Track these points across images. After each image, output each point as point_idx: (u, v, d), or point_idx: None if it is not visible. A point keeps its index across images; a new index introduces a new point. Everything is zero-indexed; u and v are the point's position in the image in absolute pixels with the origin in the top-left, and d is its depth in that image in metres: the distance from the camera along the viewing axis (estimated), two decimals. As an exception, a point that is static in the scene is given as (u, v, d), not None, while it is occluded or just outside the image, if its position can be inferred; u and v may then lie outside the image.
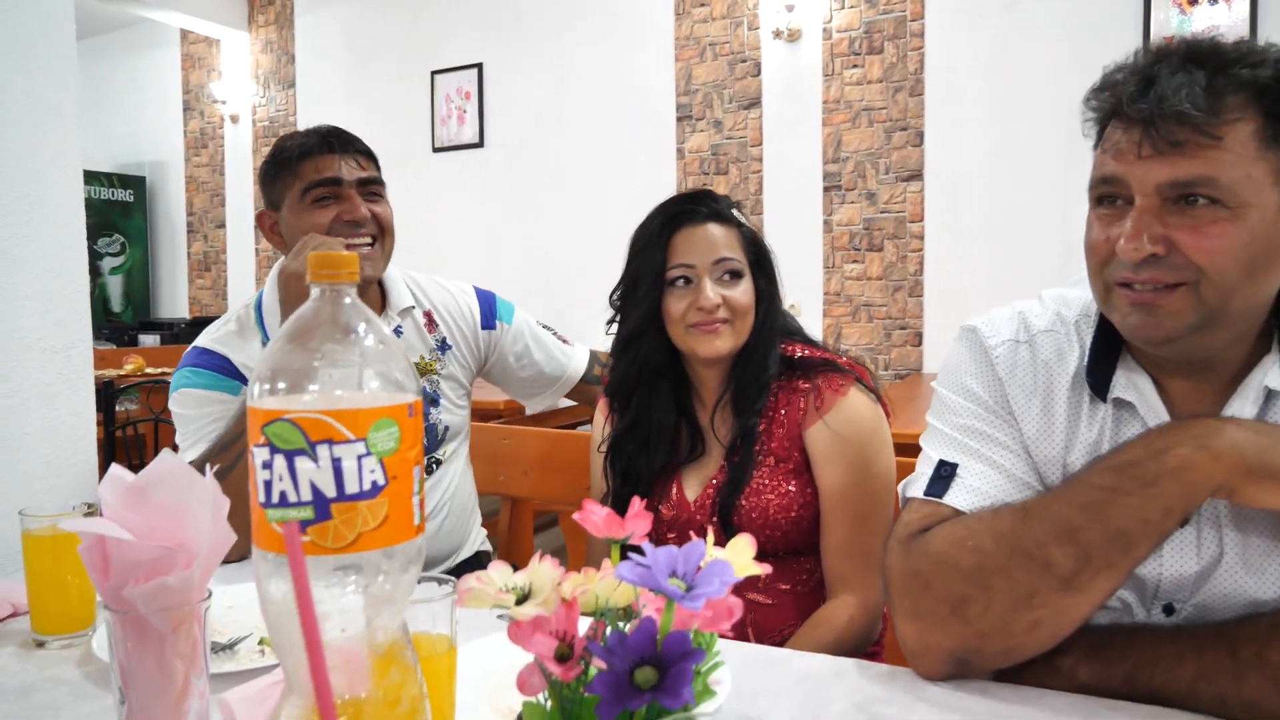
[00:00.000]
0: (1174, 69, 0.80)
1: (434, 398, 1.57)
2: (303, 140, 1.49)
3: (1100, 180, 0.85)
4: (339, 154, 1.48)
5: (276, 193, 1.51)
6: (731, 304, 1.29)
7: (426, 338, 1.59)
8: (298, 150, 1.48)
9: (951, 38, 4.11)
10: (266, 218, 1.54)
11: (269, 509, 0.54)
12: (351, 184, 1.48)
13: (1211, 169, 0.78)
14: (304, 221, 1.45)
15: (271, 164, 1.51)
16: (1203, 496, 0.77)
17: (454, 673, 0.69)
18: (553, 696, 0.54)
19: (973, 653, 0.82)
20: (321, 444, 0.53)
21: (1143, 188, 0.81)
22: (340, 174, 1.47)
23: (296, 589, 0.40)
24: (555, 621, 0.54)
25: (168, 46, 6.49)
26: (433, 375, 1.58)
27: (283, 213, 1.50)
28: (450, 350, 1.61)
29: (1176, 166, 0.79)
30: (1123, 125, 0.83)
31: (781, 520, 1.27)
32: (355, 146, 1.51)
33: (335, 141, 1.49)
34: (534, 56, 5.12)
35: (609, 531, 0.60)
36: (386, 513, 0.55)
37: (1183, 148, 0.79)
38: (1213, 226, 0.79)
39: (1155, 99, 0.79)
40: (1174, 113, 0.78)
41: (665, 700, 0.49)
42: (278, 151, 1.51)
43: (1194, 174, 0.79)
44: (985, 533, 0.83)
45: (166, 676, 0.65)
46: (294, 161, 1.47)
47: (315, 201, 1.46)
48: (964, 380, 0.97)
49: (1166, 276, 0.81)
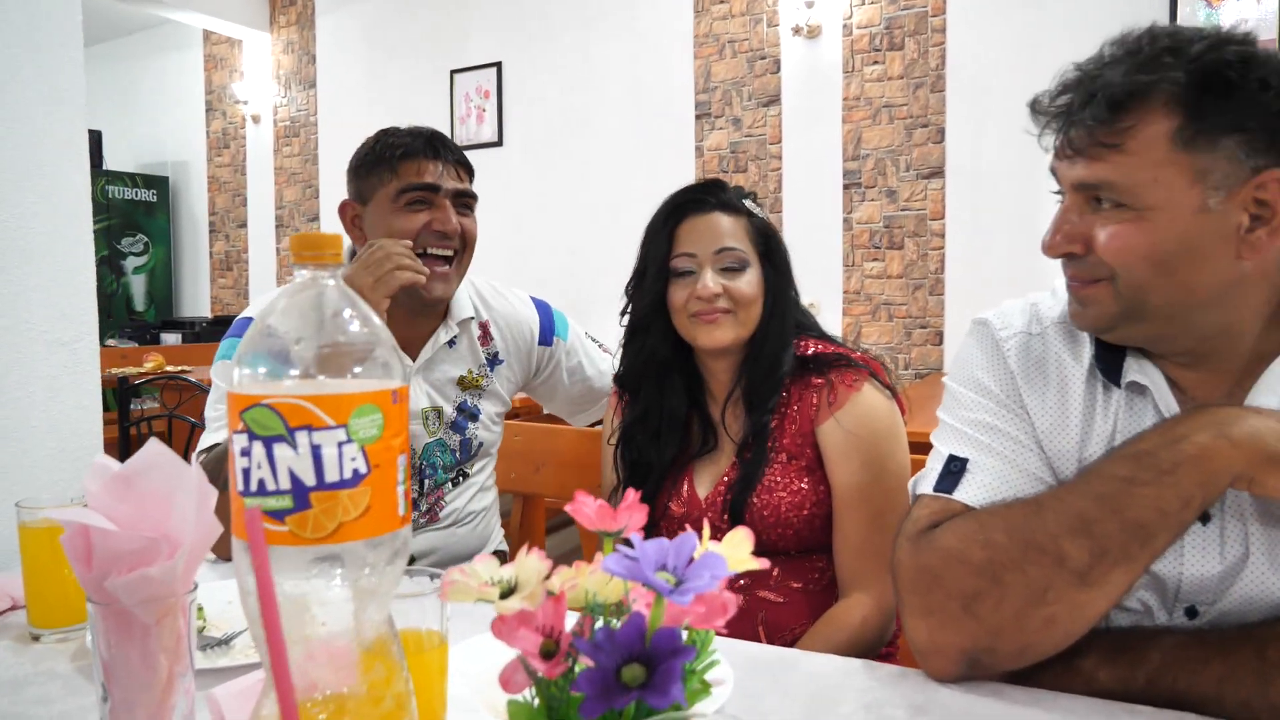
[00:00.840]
0: (1097, 71, 0.83)
1: (474, 413, 1.55)
2: (408, 140, 1.44)
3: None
4: (441, 160, 1.44)
5: (368, 187, 1.46)
6: (733, 294, 1.27)
7: (479, 351, 1.56)
8: (401, 149, 1.43)
9: (973, 33, 4.06)
10: (350, 209, 1.49)
11: (247, 498, 0.52)
12: (448, 193, 1.44)
13: (1110, 173, 0.81)
14: (393, 223, 1.41)
15: (368, 157, 1.47)
16: (1222, 486, 0.74)
17: (445, 669, 0.67)
18: (539, 694, 0.52)
19: (985, 651, 0.79)
20: (301, 430, 0.52)
21: (1065, 186, 0.86)
22: (440, 181, 1.43)
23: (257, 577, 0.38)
24: (541, 616, 0.52)
25: (190, 47, 6.54)
26: (477, 390, 1.56)
27: (369, 207, 1.45)
28: (501, 365, 1.59)
29: (1082, 169, 0.83)
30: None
31: (793, 518, 1.25)
32: (456, 156, 1.48)
33: (440, 146, 1.45)
34: (553, 55, 5.11)
35: (601, 524, 0.58)
36: (369, 502, 0.53)
37: (1085, 152, 0.82)
38: (1117, 227, 0.82)
39: (1067, 106, 0.84)
40: (1077, 120, 0.82)
41: (652, 699, 0.47)
42: (376, 145, 1.46)
43: (1096, 177, 0.82)
44: (997, 527, 0.80)
45: (150, 670, 0.63)
46: (395, 160, 1.43)
47: (409, 204, 1.42)
48: (975, 374, 0.94)
49: (1083, 273, 0.85)
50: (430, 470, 1.51)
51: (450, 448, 1.53)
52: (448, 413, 1.52)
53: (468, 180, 1.49)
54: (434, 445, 1.51)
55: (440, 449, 1.52)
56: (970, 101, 4.09)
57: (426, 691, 0.66)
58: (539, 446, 1.83)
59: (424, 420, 1.49)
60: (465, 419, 1.54)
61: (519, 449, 1.83)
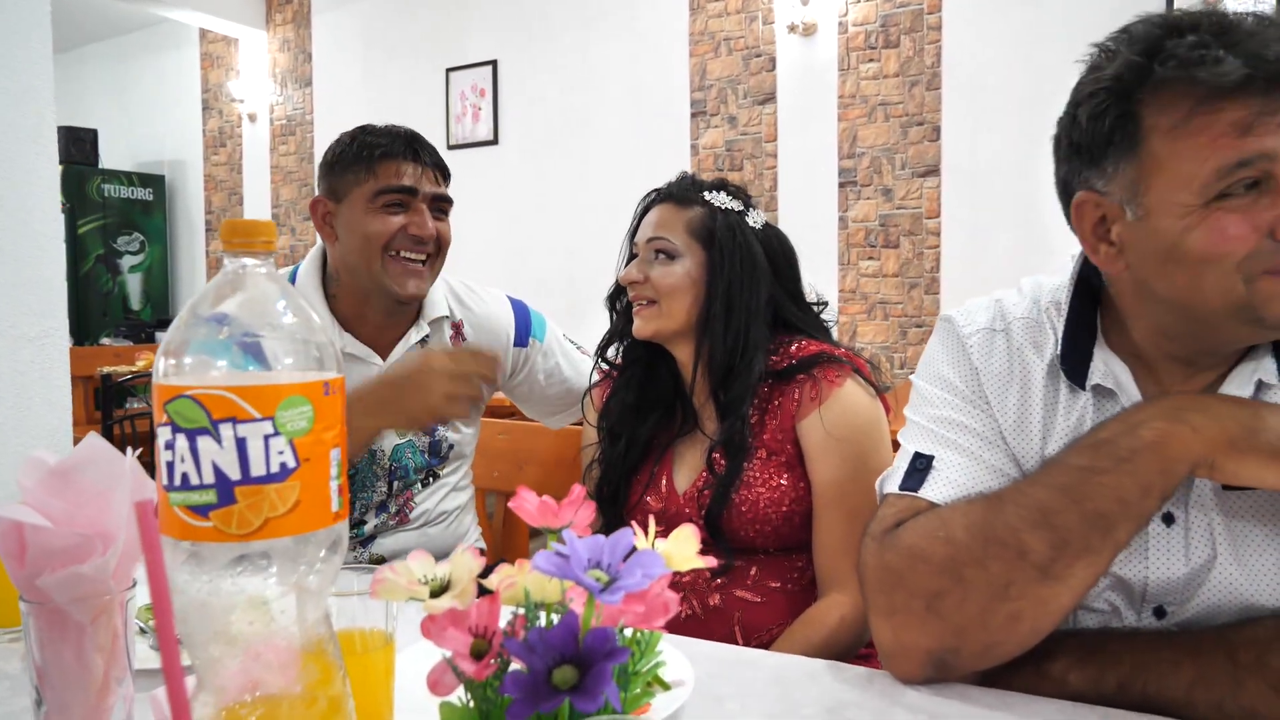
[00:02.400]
0: (1239, 25, 0.72)
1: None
2: (386, 141, 1.42)
3: (1240, 164, 0.72)
4: (420, 163, 1.42)
5: (343, 185, 1.43)
6: (654, 283, 1.28)
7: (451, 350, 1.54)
8: (381, 150, 1.41)
9: (969, 31, 4.03)
10: (321, 205, 1.46)
11: (171, 492, 0.51)
12: (425, 197, 1.42)
13: None
14: (368, 224, 1.39)
15: (345, 155, 1.43)
16: (1181, 472, 0.72)
17: (390, 670, 0.66)
18: (472, 697, 0.50)
19: (950, 652, 0.78)
20: (225, 422, 0.50)
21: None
22: (418, 185, 1.41)
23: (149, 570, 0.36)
24: (474, 616, 0.50)
25: (187, 46, 6.53)
26: None
27: (343, 206, 1.42)
28: None
29: None
30: (1240, 99, 0.71)
31: (772, 515, 1.23)
32: (434, 159, 1.46)
33: (419, 149, 1.43)
34: (548, 53, 5.09)
35: (543, 520, 0.56)
36: (298, 497, 0.52)
37: None
38: None
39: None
40: None
41: (581, 702, 0.45)
42: (354, 143, 1.43)
43: None
44: (958, 523, 0.78)
45: (85, 671, 0.62)
46: (373, 160, 1.40)
47: (385, 206, 1.40)
48: (940, 370, 0.93)
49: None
50: (400, 471, 1.50)
51: (420, 449, 1.52)
52: None
53: (444, 184, 1.47)
54: (404, 446, 1.50)
55: (410, 450, 1.51)
56: (966, 99, 4.06)
57: (371, 694, 0.65)
58: (523, 445, 1.81)
59: None
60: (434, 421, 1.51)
61: (503, 447, 1.81)
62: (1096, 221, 0.82)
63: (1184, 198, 0.74)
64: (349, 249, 1.42)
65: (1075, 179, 0.83)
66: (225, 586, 0.52)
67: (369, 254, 1.39)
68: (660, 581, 0.51)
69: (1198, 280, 0.75)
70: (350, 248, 1.41)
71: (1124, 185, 0.78)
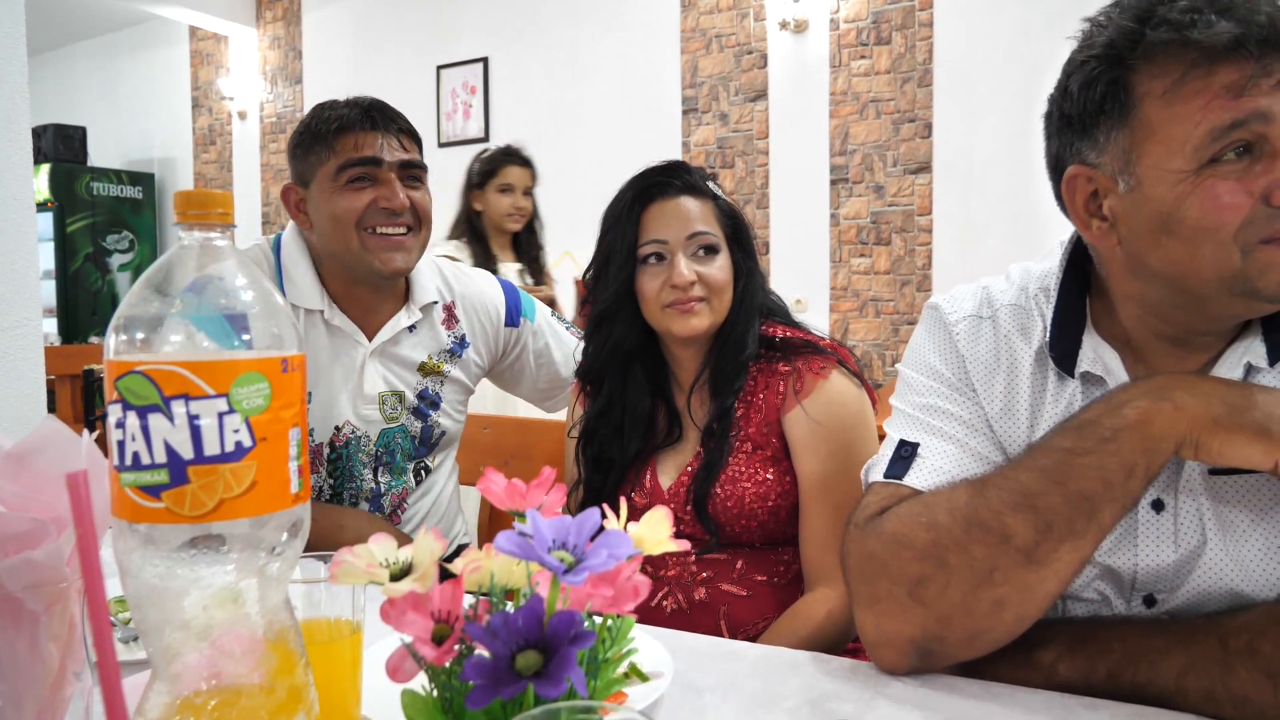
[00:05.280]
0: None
1: (435, 400, 1.50)
2: (343, 112, 1.34)
3: (1232, 126, 0.71)
4: (381, 131, 1.34)
5: (308, 168, 1.36)
6: (707, 281, 1.23)
7: (442, 336, 1.50)
8: (336, 123, 1.33)
9: (961, 27, 4.03)
10: (293, 193, 1.40)
11: (122, 473, 0.49)
12: (392, 166, 1.34)
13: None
14: (336, 203, 1.32)
15: (305, 135, 1.37)
16: (1166, 451, 0.70)
17: (358, 659, 0.64)
18: (434, 684, 0.48)
19: (934, 640, 0.76)
20: (177, 399, 0.48)
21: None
22: (380, 154, 1.33)
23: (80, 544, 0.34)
24: (436, 600, 0.48)
25: (177, 44, 6.49)
26: (438, 376, 1.50)
27: (311, 190, 1.36)
28: (468, 348, 1.53)
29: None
30: (1232, 61, 0.71)
31: (758, 509, 1.21)
32: (399, 124, 1.38)
33: (378, 117, 1.35)
34: (539, 50, 5.07)
35: (510, 503, 0.54)
36: (254, 477, 0.50)
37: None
38: None
39: (1271, 19, 0.69)
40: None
41: (544, 688, 0.43)
42: (312, 122, 1.36)
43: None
44: (941, 508, 0.76)
45: (39, 662, 0.60)
46: (330, 135, 1.33)
47: (350, 182, 1.33)
48: (926, 358, 0.91)
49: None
50: (388, 458, 1.47)
51: (412, 434, 1.48)
52: (409, 398, 1.47)
53: (415, 149, 1.40)
54: (394, 431, 1.46)
55: (401, 435, 1.47)
56: (958, 96, 4.06)
57: (338, 683, 0.63)
58: (508, 440, 1.79)
59: (381, 404, 1.44)
60: (427, 406, 1.49)
61: (488, 442, 1.79)
62: (1088, 196, 0.81)
63: (1177, 164, 0.72)
64: (324, 233, 1.36)
65: (1067, 152, 0.82)
66: (180, 571, 0.50)
67: (344, 235, 1.34)
68: (630, 564, 0.50)
69: (1193, 251, 0.73)
70: (325, 232, 1.36)
71: (1116, 155, 0.77)
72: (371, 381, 1.43)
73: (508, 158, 3.00)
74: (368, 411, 1.43)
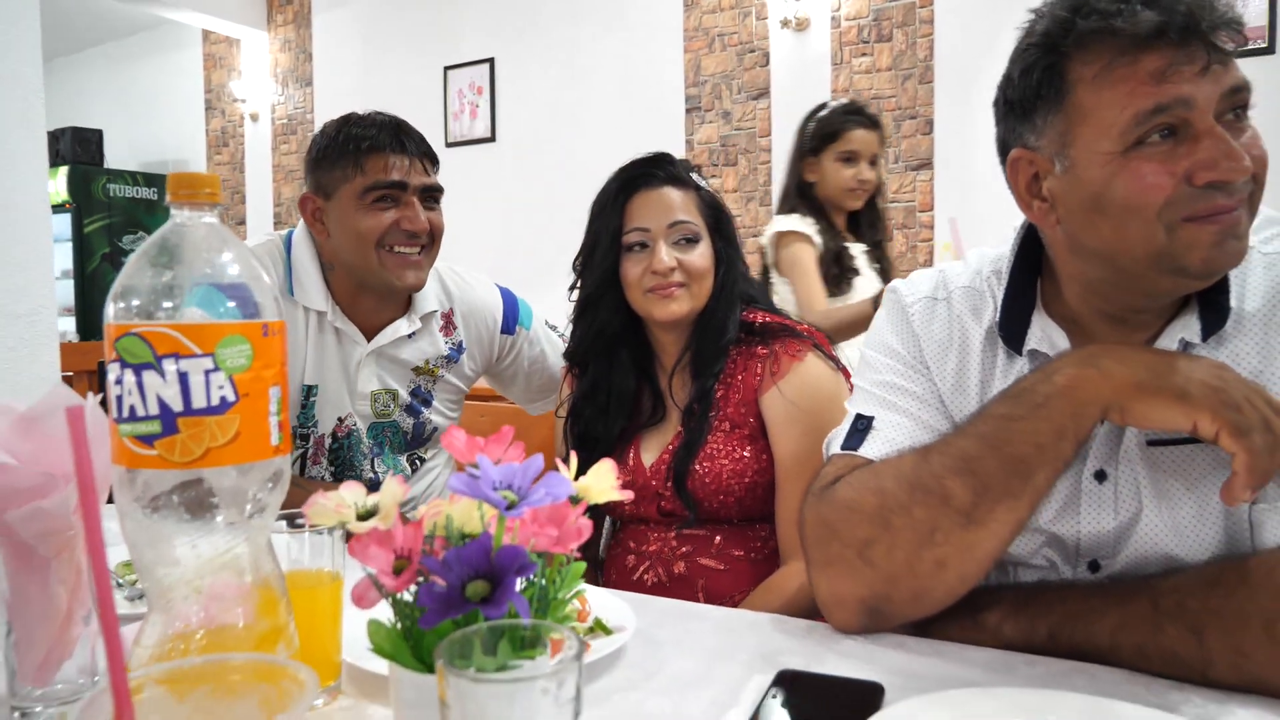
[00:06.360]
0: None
1: (427, 398, 1.57)
2: (373, 133, 1.38)
3: (1155, 110, 0.75)
4: (408, 155, 1.39)
5: (331, 181, 1.40)
6: (687, 267, 1.28)
7: (440, 342, 1.56)
8: (366, 143, 1.37)
9: (961, 24, 4.06)
10: (311, 202, 1.43)
11: (120, 424, 0.55)
12: (416, 190, 1.40)
13: (1241, 74, 0.77)
14: (360, 221, 1.37)
15: (330, 149, 1.40)
16: (1093, 414, 0.75)
17: (338, 604, 0.69)
18: (394, 611, 0.54)
19: (883, 599, 0.81)
20: (168, 358, 0.54)
21: (1209, 105, 0.75)
22: (407, 178, 1.38)
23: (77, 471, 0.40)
24: (398, 539, 0.54)
25: (190, 47, 6.58)
26: (431, 377, 1.56)
27: (333, 203, 1.40)
28: (463, 354, 1.59)
29: (1230, 75, 0.76)
30: (1156, 49, 0.75)
31: (735, 486, 1.26)
32: (422, 148, 1.43)
33: (405, 140, 1.40)
34: (545, 51, 5.13)
35: (469, 456, 0.60)
36: (238, 429, 0.56)
37: (1230, 55, 0.76)
38: (1256, 135, 0.78)
39: (1200, 8, 0.74)
40: (1228, 19, 0.74)
41: (489, 611, 0.49)
42: (338, 136, 1.39)
43: (1241, 80, 0.76)
44: (888, 474, 0.81)
45: (50, 603, 0.66)
46: (360, 154, 1.37)
47: (375, 202, 1.38)
48: (884, 337, 0.97)
49: (1244, 192, 0.76)
50: (376, 449, 1.53)
51: (403, 430, 1.55)
52: (403, 396, 1.53)
53: (434, 173, 1.45)
54: (384, 426, 1.53)
55: (392, 430, 1.54)
56: (959, 93, 4.09)
57: (320, 628, 0.68)
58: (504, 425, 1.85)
59: (373, 401, 1.51)
60: (420, 404, 1.56)
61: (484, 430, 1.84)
62: (1030, 178, 0.86)
63: (1105, 145, 0.77)
64: (342, 245, 1.42)
65: (1011, 136, 0.87)
66: (171, 513, 0.56)
67: (363, 250, 1.39)
68: (575, 509, 0.55)
69: (1121, 229, 0.78)
70: (343, 245, 1.41)
71: (1053, 138, 0.82)
72: (366, 379, 1.50)
73: (851, 118, 2.39)
74: (361, 406, 1.50)
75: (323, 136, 1.43)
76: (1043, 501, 0.79)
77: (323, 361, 1.47)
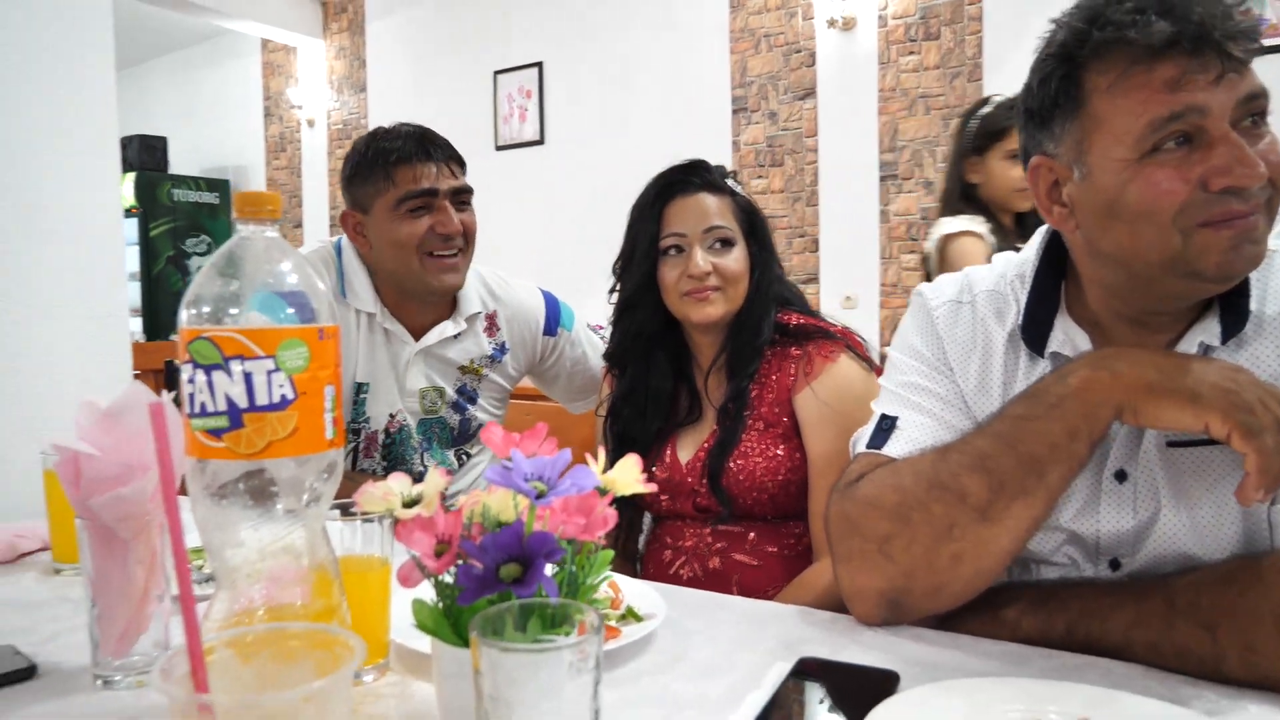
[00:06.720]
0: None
1: (472, 396, 1.63)
2: (399, 145, 1.45)
3: (1170, 118, 0.77)
4: (435, 161, 1.45)
5: (365, 196, 1.47)
6: (722, 271, 1.32)
7: (484, 342, 1.63)
8: (395, 155, 1.44)
9: (1010, 20, 4.02)
10: (351, 218, 1.51)
11: (192, 419, 0.61)
12: (446, 194, 1.46)
13: (1259, 81, 0.78)
14: (397, 230, 1.44)
15: (361, 165, 1.47)
16: (1105, 416, 0.77)
17: (387, 587, 0.75)
18: (435, 590, 0.59)
19: (901, 592, 0.84)
20: (234, 359, 0.60)
21: (1224, 113, 0.77)
22: (437, 184, 1.45)
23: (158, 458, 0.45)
24: (439, 525, 0.59)
25: (249, 56, 6.79)
26: (476, 376, 1.63)
27: (370, 216, 1.47)
28: (506, 354, 1.66)
29: (1246, 83, 0.77)
30: (1170, 58, 0.76)
31: (768, 483, 1.30)
32: (448, 152, 1.49)
33: (431, 148, 1.46)
34: (592, 54, 5.20)
35: (505, 450, 0.64)
36: (296, 424, 0.61)
37: (1244, 63, 0.78)
38: (1275, 141, 0.79)
39: (1212, 18, 0.75)
40: (1242, 29, 0.76)
41: (519, 590, 0.53)
42: (368, 152, 1.46)
43: (1258, 87, 0.78)
44: (908, 472, 0.85)
45: (128, 582, 0.72)
46: (390, 167, 1.44)
47: (409, 211, 1.44)
48: (909, 340, 0.99)
49: (1261, 197, 0.78)
50: (426, 444, 1.60)
51: (450, 426, 1.62)
52: (449, 394, 1.60)
53: (462, 175, 1.52)
54: (432, 422, 1.60)
55: (439, 426, 1.61)
56: (1007, 90, 4.05)
57: (370, 610, 0.74)
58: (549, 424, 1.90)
59: (421, 398, 1.58)
60: (465, 401, 1.62)
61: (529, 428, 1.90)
62: (1050, 185, 0.88)
63: (1120, 153, 0.79)
64: (385, 256, 1.49)
65: (1031, 144, 0.89)
66: (236, 500, 0.62)
67: (405, 258, 1.46)
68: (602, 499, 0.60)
69: (1136, 235, 0.80)
70: (385, 254, 1.49)
71: (1070, 146, 0.84)
72: (414, 378, 1.57)
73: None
74: (410, 403, 1.57)
75: (354, 154, 1.50)
76: (1059, 500, 0.81)
77: (373, 360, 1.54)
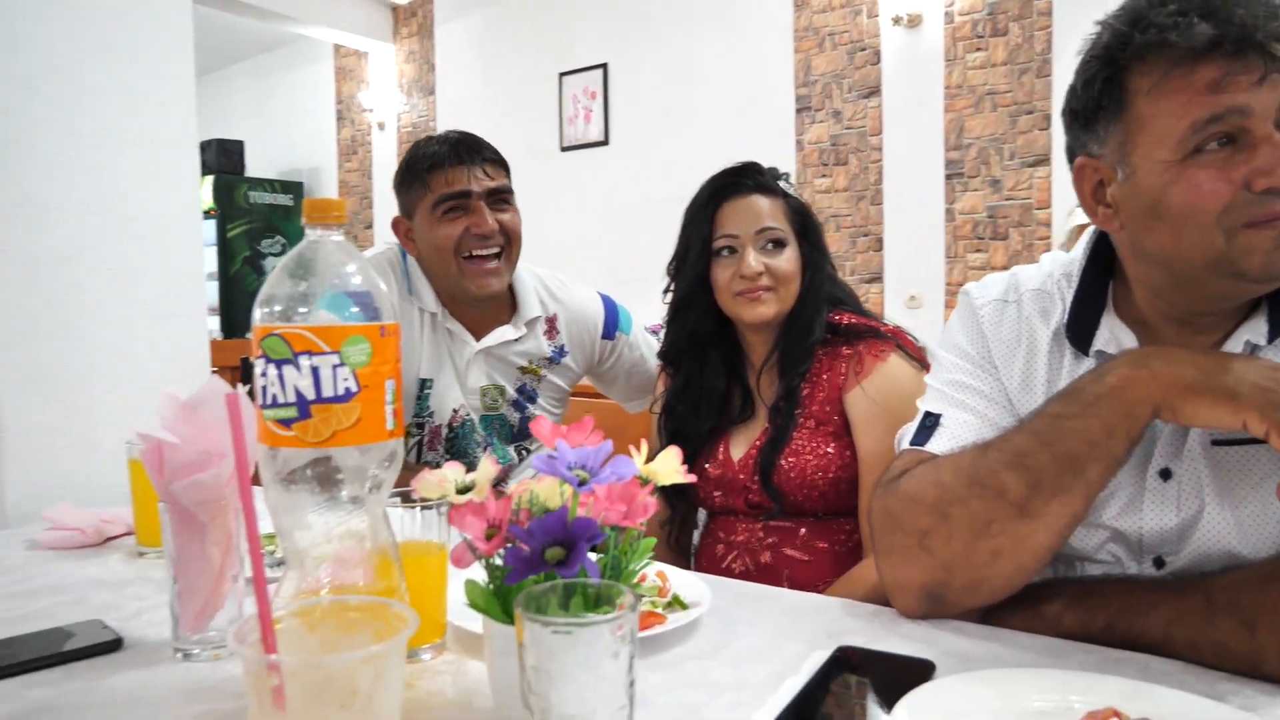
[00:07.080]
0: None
1: (532, 395, 1.69)
2: (435, 150, 1.51)
3: (1211, 120, 0.77)
4: (468, 164, 1.50)
5: (408, 202, 1.55)
6: (774, 271, 1.34)
7: (543, 345, 1.68)
8: (428, 161, 1.50)
9: (1081, 14, 3.93)
10: (401, 224, 1.59)
11: (264, 409, 0.66)
12: (480, 195, 1.50)
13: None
14: (436, 233, 1.51)
15: (405, 174, 1.55)
16: (1144, 415, 0.77)
17: (444, 571, 0.79)
18: (489, 575, 0.63)
19: (941, 586, 0.85)
20: (303, 354, 0.64)
21: (1267, 113, 0.76)
22: (469, 186, 1.49)
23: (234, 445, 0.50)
24: (490, 510, 0.62)
25: (322, 61, 7.00)
26: (535, 377, 1.68)
27: (415, 221, 1.55)
28: (565, 356, 1.71)
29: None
30: (1212, 60, 0.77)
31: (819, 480, 1.32)
32: (484, 155, 1.53)
33: (464, 151, 1.51)
34: (657, 55, 5.23)
35: (552, 441, 0.68)
36: (359, 415, 0.66)
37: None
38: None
39: (1254, 20, 0.75)
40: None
41: (562, 571, 0.57)
42: (410, 160, 1.54)
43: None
44: (948, 468, 0.86)
45: (205, 561, 0.78)
46: (425, 173, 1.50)
47: (445, 213, 1.50)
48: (955, 338, 1.00)
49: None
50: (487, 439, 1.65)
51: (510, 423, 1.67)
52: (509, 392, 1.66)
53: (501, 175, 1.56)
54: (493, 419, 1.65)
55: (500, 423, 1.66)
56: (1077, 86, 3.97)
57: (428, 592, 0.78)
58: (607, 421, 1.94)
59: (483, 396, 1.63)
60: (525, 400, 1.68)
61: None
62: (1095, 185, 0.88)
63: (1163, 154, 0.80)
64: (429, 259, 1.56)
65: (1076, 145, 0.90)
66: (304, 486, 0.67)
67: (445, 260, 1.52)
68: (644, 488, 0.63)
69: (1179, 235, 0.80)
70: (429, 258, 1.55)
71: (1114, 147, 0.84)
72: (475, 376, 1.63)
73: None
74: (472, 400, 1.62)
75: (401, 164, 1.58)
76: (1098, 497, 0.82)
77: (437, 357, 1.60)
